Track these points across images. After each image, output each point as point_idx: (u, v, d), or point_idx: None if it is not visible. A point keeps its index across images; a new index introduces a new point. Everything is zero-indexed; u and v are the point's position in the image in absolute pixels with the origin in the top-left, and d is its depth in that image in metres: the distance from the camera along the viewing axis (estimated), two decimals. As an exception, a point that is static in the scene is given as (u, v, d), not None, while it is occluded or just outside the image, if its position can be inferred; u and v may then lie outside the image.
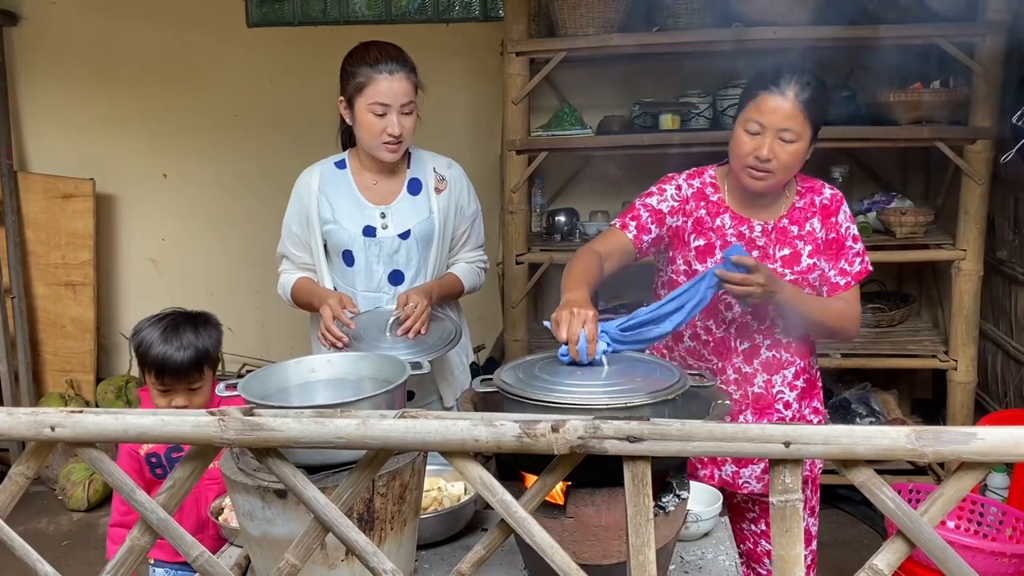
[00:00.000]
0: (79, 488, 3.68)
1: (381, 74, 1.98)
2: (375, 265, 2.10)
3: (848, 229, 1.93)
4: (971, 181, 3.20)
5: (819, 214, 1.93)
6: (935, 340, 3.51)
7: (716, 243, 1.92)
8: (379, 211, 2.11)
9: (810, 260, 1.91)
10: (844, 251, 1.91)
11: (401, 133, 2.01)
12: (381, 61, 1.99)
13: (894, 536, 0.96)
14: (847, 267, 1.90)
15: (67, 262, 4.27)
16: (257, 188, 4.27)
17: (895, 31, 3.17)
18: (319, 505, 1.02)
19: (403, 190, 2.14)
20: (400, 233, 2.11)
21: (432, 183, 2.16)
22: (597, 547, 1.35)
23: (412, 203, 2.14)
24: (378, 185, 2.13)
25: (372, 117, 2.00)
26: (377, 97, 1.98)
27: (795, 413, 1.98)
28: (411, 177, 2.15)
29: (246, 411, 1.00)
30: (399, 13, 4.24)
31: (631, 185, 3.91)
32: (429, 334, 1.98)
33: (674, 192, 1.99)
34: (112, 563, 1.06)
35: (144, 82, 4.26)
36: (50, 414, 1.01)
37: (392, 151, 2.04)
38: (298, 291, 2.18)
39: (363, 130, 2.03)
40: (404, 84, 2.00)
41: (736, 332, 1.93)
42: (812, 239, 1.91)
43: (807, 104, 1.79)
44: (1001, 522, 2.52)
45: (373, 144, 2.03)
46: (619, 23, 3.32)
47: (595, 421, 0.96)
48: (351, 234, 2.09)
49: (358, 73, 1.99)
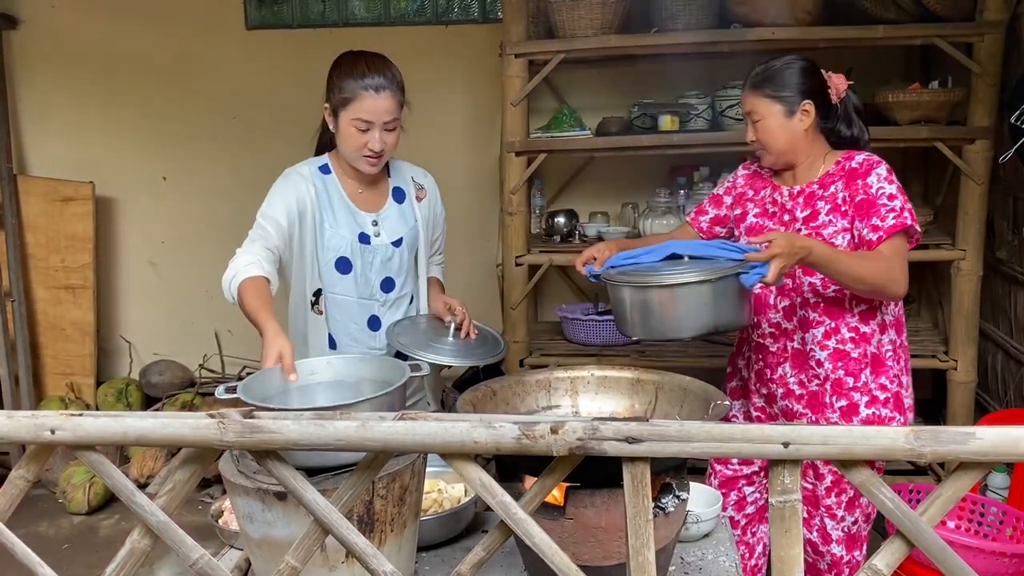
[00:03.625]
0: (80, 491, 3.68)
1: (368, 91, 1.96)
2: (369, 272, 2.11)
3: (881, 190, 1.98)
4: (970, 181, 3.20)
5: (845, 178, 2.04)
6: (935, 340, 3.50)
7: (751, 211, 2.18)
8: (371, 219, 2.11)
9: (827, 217, 2.03)
10: (876, 209, 1.97)
11: (382, 149, 2.01)
12: (368, 76, 1.97)
13: (893, 536, 0.96)
14: (879, 223, 1.95)
15: (67, 265, 4.27)
16: (257, 190, 4.23)
17: (893, 31, 3.18)
18: (319, 507, 1.02)
19: (389, 199, 2.16)
20: (393, 241, 2.12)
21: (413, 192, 2.19)
22: (597, 548, 1.35)
23: (400, 211, 2.16)
24: (364, 193, 2.13)
25: (354, 131, 1.99)
26: (361, 114, 1.97)
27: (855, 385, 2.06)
28: (394, 186, 2.18)
29: (246, 413, 1.00)
30: (398, 15, 4.25)
31: (630, 186, 3.92)
32: (480, 338, 2.06)
33: (731, 177, 2.29)
34: (112, 566, 1.06)
35: (143, 85, 4.26)
36: (50, 417, 1.01)
37: (372, 164, 2.04)
38: (249, 294, 1.89)
39: (345, 142, 2.03)
40: (389, 103, 1.98)
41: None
42: (833, 200, 2.04)
43: (758, 86, 2.06)
44: (1001, 522, 2.52)
45: (353, 156, 2.04)
46: (618, 25, 3.32)
47: (594, 422, 0.96)
48: (347, 241, 2.09)
49: (344, 87, 1.98)
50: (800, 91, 2.03)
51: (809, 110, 2.03)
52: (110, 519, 3.69)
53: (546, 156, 3.46)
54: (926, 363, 3.41)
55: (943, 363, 3.34)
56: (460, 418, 0.98)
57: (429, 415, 1.00)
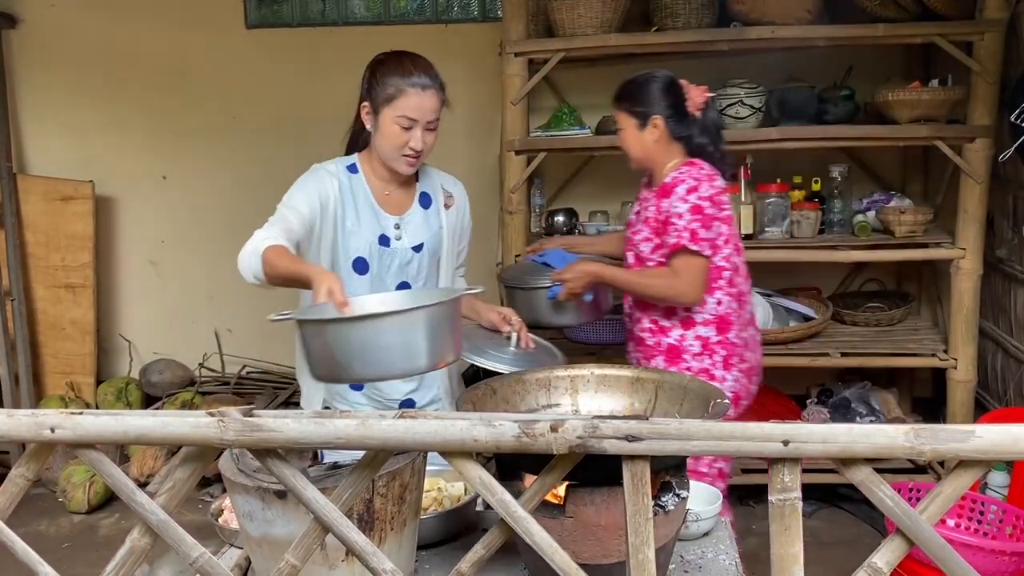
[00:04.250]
0: (80, 490, 3.68)
1: (414, 88, 1.92)
2: (386, 275, 2.06)
3: (673, 208, 2.26)
4: (970, 180, 3.20)
5: (660, 192, 2.32)
6: (935, 339, 3.51)
7: (632, 210, 2.52)
8: (393, 221, 2.07)
9: (642, 226, 2.39)
10: (668, 226, 2.28)
11: (423, 149, 1.98)
12: (414, 74, 1.93)
13: (893, 534, 0.96)
14: (668, 240, 2.28)
15: (67, 264, 4.27)
16: (257, 189, 4.26)
17: (893, 29, 3.18)
18: (319, 506, 1.02)
19: (415, 202, 2.11)
20: (414, 246, 2.08)
21: (441, 199, 2.14)
22: (597, 546, 1.35)
23: (424, 216, 2.11)
24: (391, 195, 2.08)
25: (397, 129, 1.94)
26: (407, 111, 1.93)
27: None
28: (421, 191, 2.13)
29: (245, 412, 1.00)
30: (397, 14, 4.25)
31: (630, 185, 3.90)
32: (538, 348, 2.08)
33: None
34: (112, 564, 1.06)
35: (143, 84, 4.26)
36: (50, 415, 1.01)
37: (411, 164, 2.00)
38: (276, 257, 1.85)
39: (385, 140, 1.98)
40: (434, 101, 1.96)
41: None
42: (647, 210, 2.37)
43: (618, 100, 2.39)
44: (1001, 520, 2.52)
45: (392, 155, 1.99)
46: (617, 23, 3.33)
47: (594, 420, 0.96)
48: (367, 242, 2.05)
49: (389, 83, 1.94)
50: (654, 106, 2.30)
51: (659, 124, 2.30)
52: (110, 518, 3.69)
53: (546, 155, 3.46)
54: (926, 362, 3.41)
55: (943, 362, 3.34)
56: (460, 416, 0.98)
57: (429, 413, 1.00)
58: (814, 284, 3.97)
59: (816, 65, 3.61)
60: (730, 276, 2.35)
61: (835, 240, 3.43)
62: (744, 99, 3.37)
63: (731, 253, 2.34)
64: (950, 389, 3.37)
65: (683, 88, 2.33)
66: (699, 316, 2.34)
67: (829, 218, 3.53)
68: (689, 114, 2.33)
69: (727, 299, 2.34)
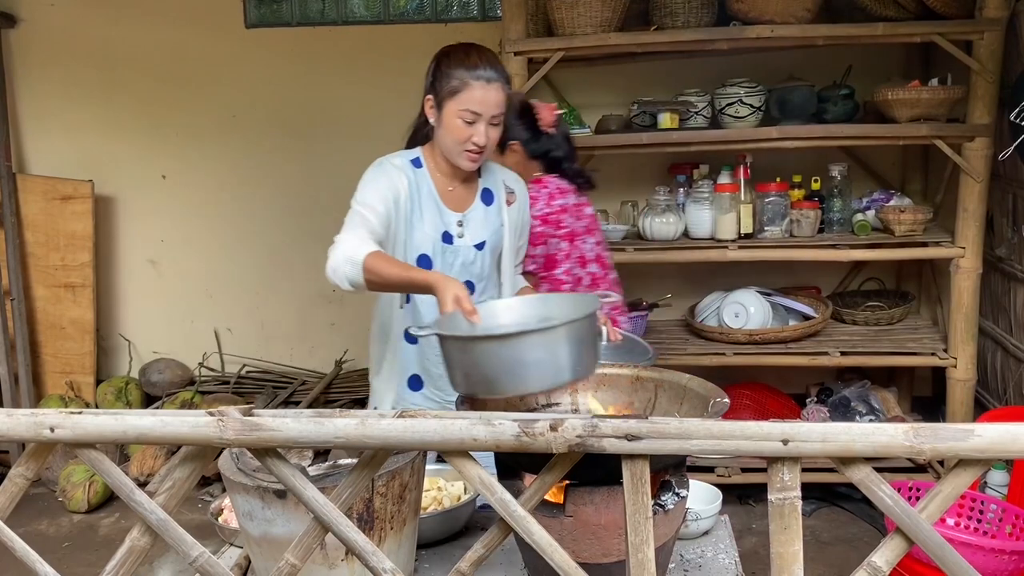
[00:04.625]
0: (79, 490, 3.68)
1: (479, 81, 1.88)
2: (450, 273, 2.00)
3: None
4: (970, 179, 3.20)
5: None
6: (934, 338, 3.51)
7: None
8: (456, 218, 2.02)
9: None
10: None
11: (485, 144, 1.93)
12: (480, 67, 1.89)
13: (892, 533, 0.96)
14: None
15: (66, 264, 4.26)
16: (256, 188, 4.28)
17: (893, 28, 3.17)
18: (319, 505, 1.02)
19: (477, 199, 2.07)
20: (476, 244, 2.04)
21: (503, 195, 2.10)
22: (596, 545, 1.35)
23: (485, 213, 2.07)
24: (454, 191, 2.04)
25: (460, 123, 1.90)
26: (471, 105, 1.88)
27: None
28: (483, 187, 2.09)
29: (245, 411, 1.00)
30: (397, 13, 4.24)
31: (630, 184, 3.92)
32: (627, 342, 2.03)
33: None
34: (112, 563, 1.07)
35: (143, 83, 4.26)
36: (49, 415, 1.01)
37: (473, 160, 1.95)
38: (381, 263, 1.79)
39: (448, 135, 1.94)
40: (499, 95, 1.91)
41: None
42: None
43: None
44: (1001, 519, 2.52)
45: (455, 150, 1.95)
46: (617, 22, 3.32)
47: (593, 420, 0.96)
48: (431, 239, 2.00)
49: (453, 76, 1.89)
50: (511, 132, 2.36)
51: (517, 149, 2.42)
52: (110, 517, 3.69)
53: (545, 154, 3.45)
54: (925, 361, 3.41)
55: (942, 360, 3.34)
56: (459, 416, 0.98)
57: (429, 412, 1.00)
58: (814, 283, 3.97)
59: (816, 64, 3.61)
60: (570, 289, 2.48)
61: (835, 239, 3.43)
62: (744, 98, 3.37)
63: (573, 267, 2.46)
64: (950, 388, 3.37)
65: (534, 108, 2.47)
66: None
67: (829, 217, 3.53)
68: (543, 133, 2.46)
69: None
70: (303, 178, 4.26)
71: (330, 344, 4.39)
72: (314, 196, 4.19)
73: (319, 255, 1.94)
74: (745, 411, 3.56)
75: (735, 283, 3.62)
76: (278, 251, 4.30)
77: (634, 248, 3.47)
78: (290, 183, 4.28)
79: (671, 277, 3.95)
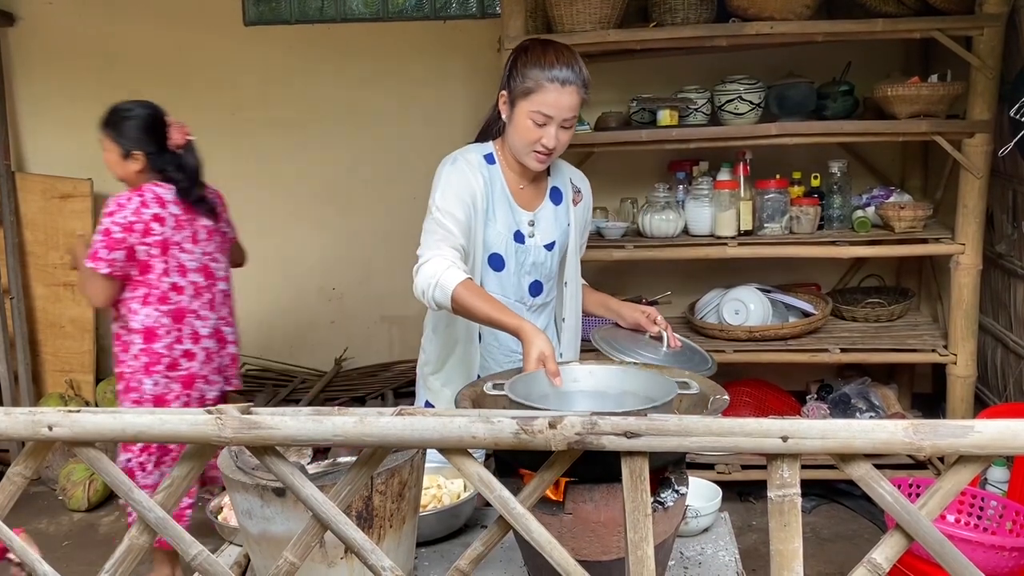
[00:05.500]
0: (79, 488, 3.68)
1: (554, 84, 1.82)
2: (521, 273, 1.99)
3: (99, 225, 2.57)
4: (970, 175, 3.20)
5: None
6: (934, 334, 3.50)
7: None
8: (527, 217, 2.00)
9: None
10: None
11: (555, 147, 1.88)
12: (556, 67, 1.82)
13: (892, 530, 0.96)
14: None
15: (66, 262, 4.26)
16: (255, 187, 4.27)
17: (893, 24, 3.17)
18: (317, 503, 1.02)
19: (546, 198, 2.04)
20: (546, 244, 2.01)
21: (570, 194, 2.07)
22: (596, 543, 1.35)
23: (554, 213, 2.04)
24: (524, 190, 2.00)
25: (531, 124, 1.85)
26: (543, 107, 1.83)
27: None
28: (552, 186, 2.06)
29: (243, 409, 1.00)
30: (396, 11, 4.24)
31: (629, 181, 3.92)
32: (686, 349, 1.96)
33: None
34: (111, 562, 1.06)
35: (141, 81, 4.23)
36: (48, 413, 1.01)
37: (540, 162, 1.92)
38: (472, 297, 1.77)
39: (517, 134, 1.89)
40: (573, 98, 1.85)
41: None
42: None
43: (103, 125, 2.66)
44: (1001, 516, 2.52)
45: (523, 150, 1.91)
46: (616, 19, 3.32)
47: (592, 417, 0.96)
48: (503, 238, 1.96)
49: (528, 75, 1.84)
50: (137, 143, 2.61)
51: (139, 158, 2.61)
52: (110, 516, 3.69)
53: (545, 151, 3.45)
54: (926, 357, 3.41)
55: (943, 357, 3.34)
56: (458, 413, 0.98)
57: (428, 411, 1.00)
58: (813, 280, 3.97)
59: (815, 60, 3.61)
60: (162, 295, 2.65)
61: (834, 236, 3.43)
62: (743, 95, 3.37)
63: (163, 274, 2.64)
64: (950, 385, 3.37)
65: (166, 125, 2.65)
66: (133, 324, 2.67)
67: (828, 214, 3.52)
68: (168, 150, 2.66)
69: (156, 314, 2.65)
70: (302, 174, 4.25)
71: (330, 342, 4.39)
72: (313, 192, 4.19)
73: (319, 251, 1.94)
74: (745, 408, 3.56)
75: (735, 280, 3.62)
76: (277, 248, 4.30)
77: (633, 245, 3.47)
78: (289, 179, 4.27)
79: (671, 274, 3.95)
